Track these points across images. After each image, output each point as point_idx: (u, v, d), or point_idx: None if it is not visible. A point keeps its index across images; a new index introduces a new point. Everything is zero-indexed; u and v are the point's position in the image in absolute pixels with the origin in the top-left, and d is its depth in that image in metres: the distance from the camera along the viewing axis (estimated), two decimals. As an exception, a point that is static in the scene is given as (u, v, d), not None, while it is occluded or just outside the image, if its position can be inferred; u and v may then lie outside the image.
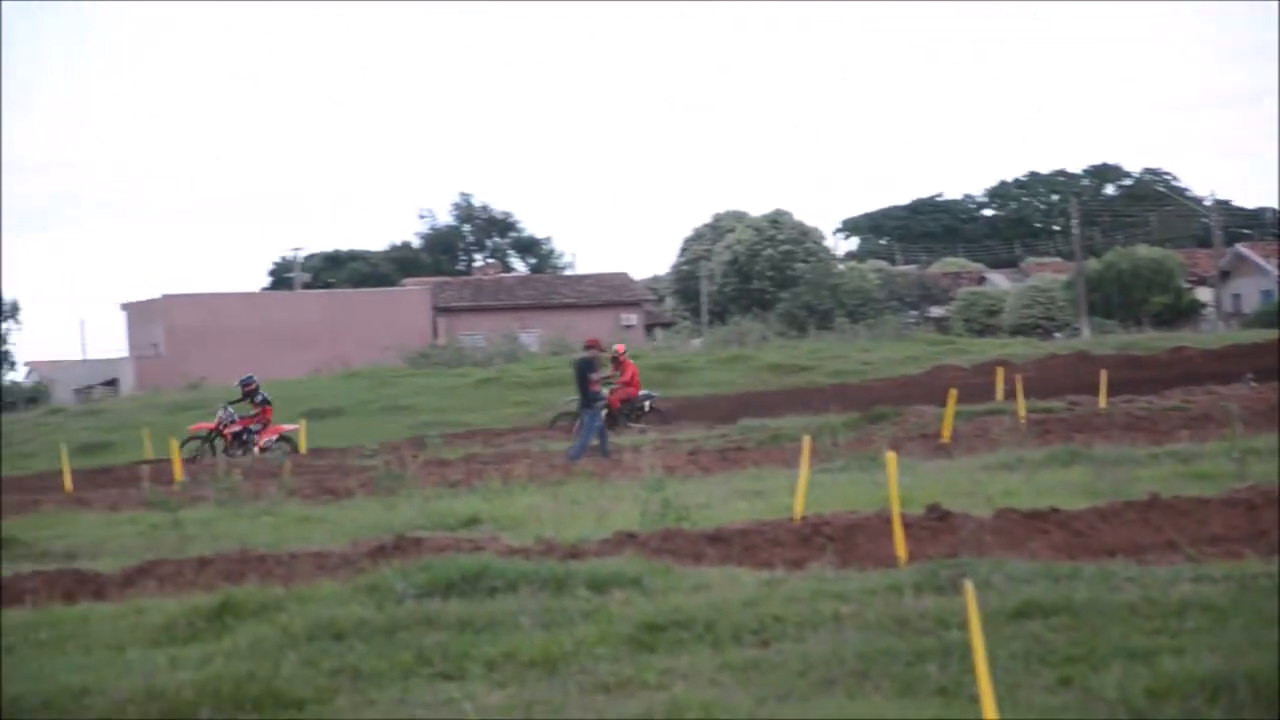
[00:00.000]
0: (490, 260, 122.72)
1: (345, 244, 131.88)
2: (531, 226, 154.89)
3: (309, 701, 9.65)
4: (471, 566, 12.50)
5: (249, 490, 23.53)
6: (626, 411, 37.68)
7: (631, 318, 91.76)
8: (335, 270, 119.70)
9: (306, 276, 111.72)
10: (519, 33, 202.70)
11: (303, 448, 36.58)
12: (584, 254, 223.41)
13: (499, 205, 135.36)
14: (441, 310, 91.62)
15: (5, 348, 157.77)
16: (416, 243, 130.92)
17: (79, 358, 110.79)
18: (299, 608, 11.80)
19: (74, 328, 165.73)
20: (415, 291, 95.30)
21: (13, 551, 18.88)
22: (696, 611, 11.02)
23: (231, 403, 38.86)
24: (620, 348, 39.80)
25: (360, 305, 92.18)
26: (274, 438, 38.20)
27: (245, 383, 38.80)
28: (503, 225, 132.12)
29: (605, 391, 30.07)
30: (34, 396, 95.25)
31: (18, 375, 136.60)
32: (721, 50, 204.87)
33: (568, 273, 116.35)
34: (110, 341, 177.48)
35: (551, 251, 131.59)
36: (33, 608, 13.45)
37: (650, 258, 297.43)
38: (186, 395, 61.32)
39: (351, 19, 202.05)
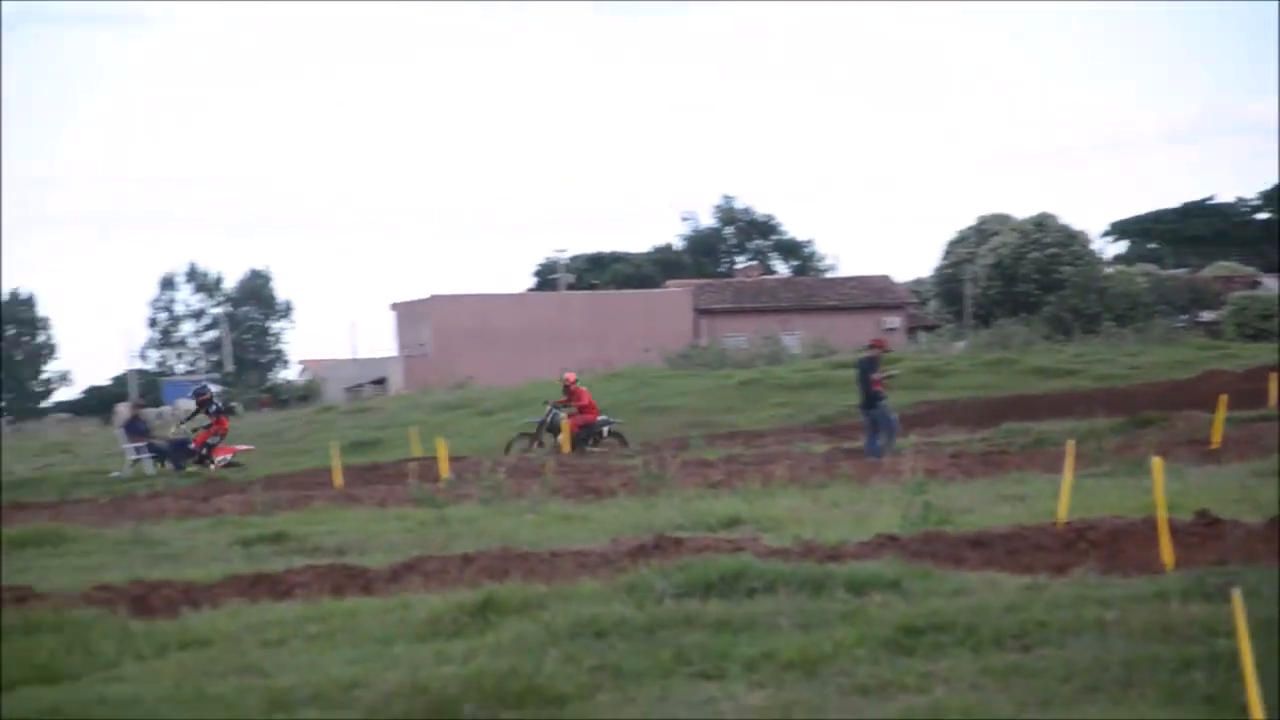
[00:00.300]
0: (752, 262, 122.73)
1: (609, 246, 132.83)
2: (793, 229, 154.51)
3: (570, 698, 9.73)
4: (731, 567, 12.52)
5: (513, 488, 23.79)
6: (584, 437, 38.17)
7: (894, 320, 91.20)
8: (599, 271, 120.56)
9: (570, 277, 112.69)
10: (781, 36, 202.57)
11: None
12: (846, 256, 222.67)
13: (761, 208, 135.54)
14: (703, 312, 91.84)
15: (279, 346, 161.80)
16: (679, 244, 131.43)
17: (350, 356, 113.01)
18: (560, 605, 11.90)
19: (345, 327, 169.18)
20: (677, 293, 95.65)
21: (285, 546, 19.32)
22: (957, 615, 10.93)
23: (185, 420, 39.30)
24: (570, 376, 40.24)
25: (623, 306, 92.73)
26: (228, 456, 38.59)
27: (199, 392, 39.21)
28: (765, 228, 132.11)
29: (886, 392, 29.82)
30: (306, 394, 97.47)
31: (291, 373, 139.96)
32: (984, 51, 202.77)
33: (829, 275, 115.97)
34: (380, 341, 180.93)
35: (813, 254, 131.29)
36: (303, 601, 13.74)
37: (913, 260, 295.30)
38: (453, 394, 62.21)
39: (615, 24, 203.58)
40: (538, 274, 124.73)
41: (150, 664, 11.46)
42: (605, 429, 38.90)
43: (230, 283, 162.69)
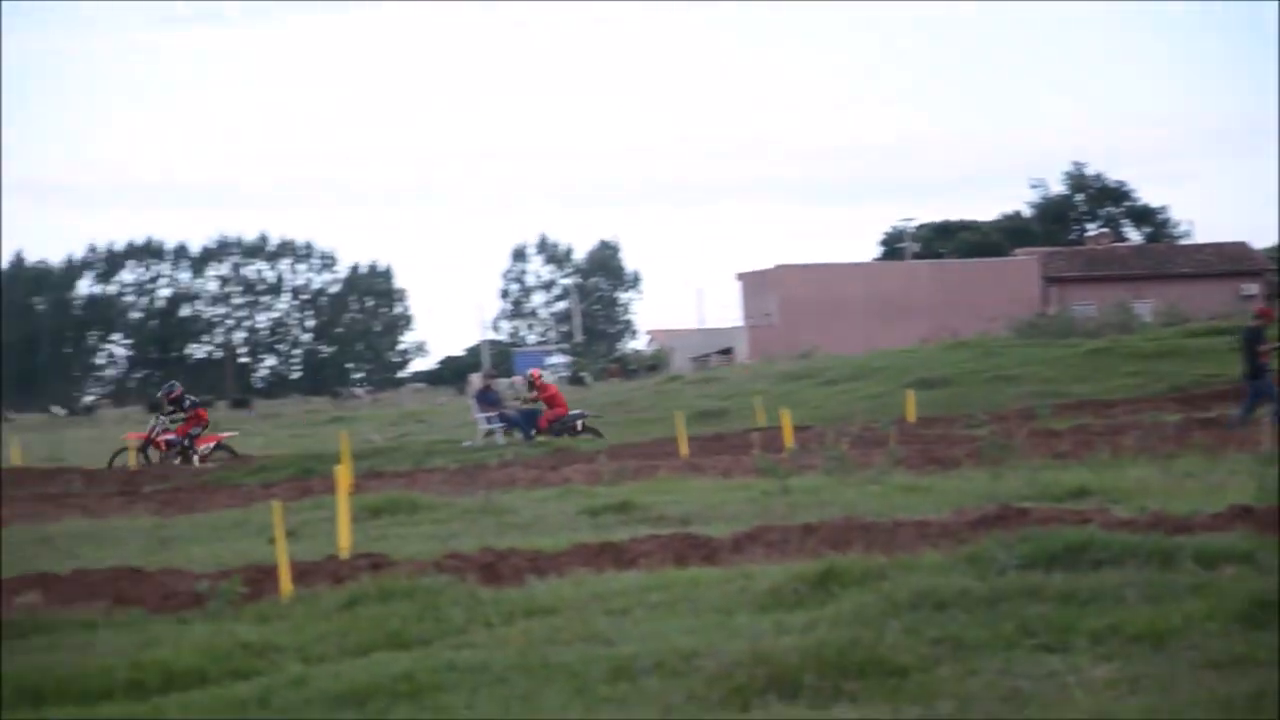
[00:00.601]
0: (1103, 230, 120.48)
1: (956, 214, 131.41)
2: (1147, 195, 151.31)
3: (911, 670, 9.67)
4: (1075, 538, 12.33)
5: (856, 459, 23.71)
6: (557, 431, 38.25)
7: (1251, 288, 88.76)
8: (945, 240, 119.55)
9: (917, 247, 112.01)
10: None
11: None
12: (1202, 223, 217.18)
13: (1113, 174, 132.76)
14: (1051, 280, 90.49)
15: (627, 317, 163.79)
16: (1027, 212, 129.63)
17: (696, 326, 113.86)
18: (902, 576, 11.84)
19: (692, 297, 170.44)
20: (1025, 261, 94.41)
21: (630, 515, 19.53)
22: (1314, 590, 10.60)
23: (164, 414, 39.25)
24: (535, 372, 40.92)
25: (969, 275, 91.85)
26: (212, 445, 38.66)
27: (167, 391, 39.26)
28: (1116, 194, 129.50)
29: (1273, 363, 29.02)
30: (654, 364, 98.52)
31: (639, 343, 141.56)
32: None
33: (1184, 242, 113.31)
34: (726, 311, 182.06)
35: (1167, 220, 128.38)
36: (646, 571, 13.88)
37: (1272, 226, 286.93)
38: (798, 364, 62.29)
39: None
40: (884, 243, 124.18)
41: (497, 631, 11.68)
42: (579, 422, 39.42)
43: (580, 254, 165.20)
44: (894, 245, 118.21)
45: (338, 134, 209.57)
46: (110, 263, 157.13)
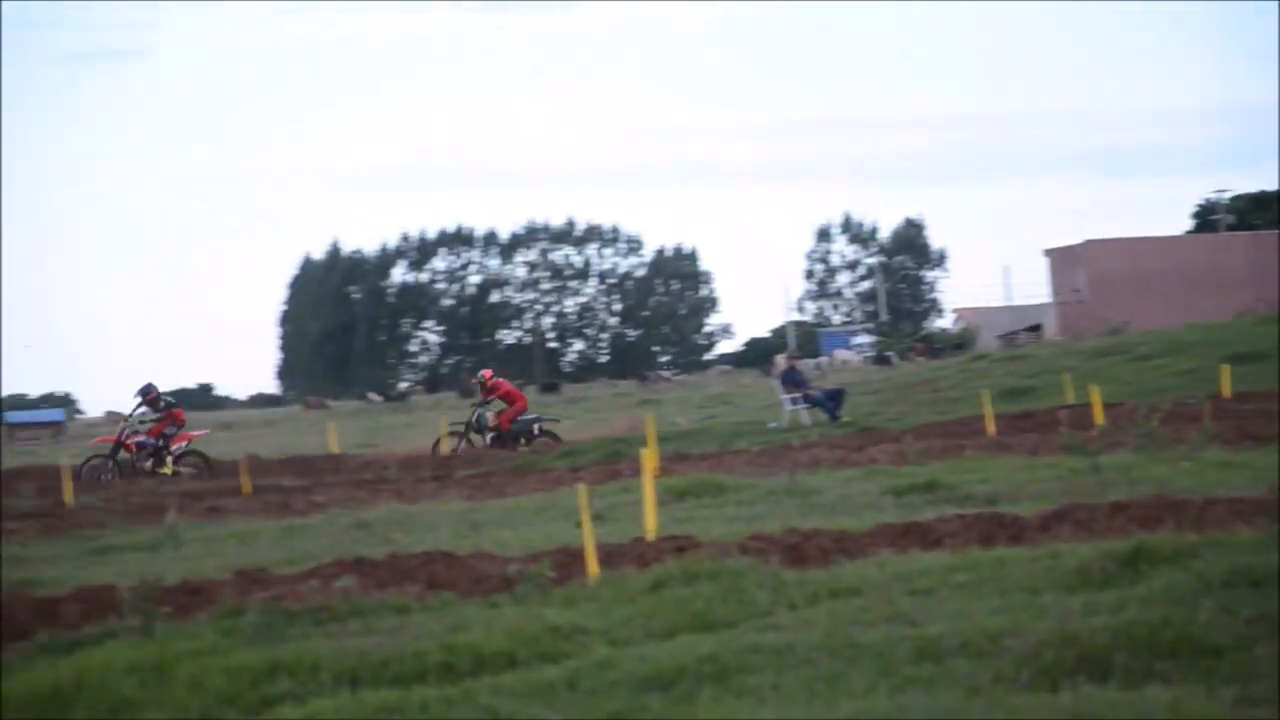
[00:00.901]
0: None
1: (1272, 185, 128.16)
2: None
3: (1226, 649, 9.48)
4: (1398, 514, 11.97)
5: (1168, 435, 23.26)
6: (515, 433, 38.17)
7: None
8: (1261, 211, 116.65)
9: (1231, 218, 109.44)
10: None
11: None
12: None
13: None
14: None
15: (933, 295, 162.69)
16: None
17: (1003, 304, 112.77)
18: (1214, 554, 11.59)
19: (998, 274, 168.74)
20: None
21: (936, 495, 19.39)
22: None
23: (132, 412, 37.90)
24: (487, 373, 40.26)
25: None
26: (184, 445, 37.52)
27: (144, 391, 37.76)
28: None
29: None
30: (960, 342, 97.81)
31: (945, 322, 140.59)
32: None
33: None
34: (1033, 287, 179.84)
35: None
36: (951, 551, 13.77)
37: None
38: (1108, 340, 61.21)
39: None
40: (1196, 215, 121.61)
41: (802, 613, 11.68)
42: (536, 426, 39.40)
43: (885, 232, 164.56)
44: (1207, 218, 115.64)
45: (643, 117, 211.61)
46: (422, 251, 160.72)
